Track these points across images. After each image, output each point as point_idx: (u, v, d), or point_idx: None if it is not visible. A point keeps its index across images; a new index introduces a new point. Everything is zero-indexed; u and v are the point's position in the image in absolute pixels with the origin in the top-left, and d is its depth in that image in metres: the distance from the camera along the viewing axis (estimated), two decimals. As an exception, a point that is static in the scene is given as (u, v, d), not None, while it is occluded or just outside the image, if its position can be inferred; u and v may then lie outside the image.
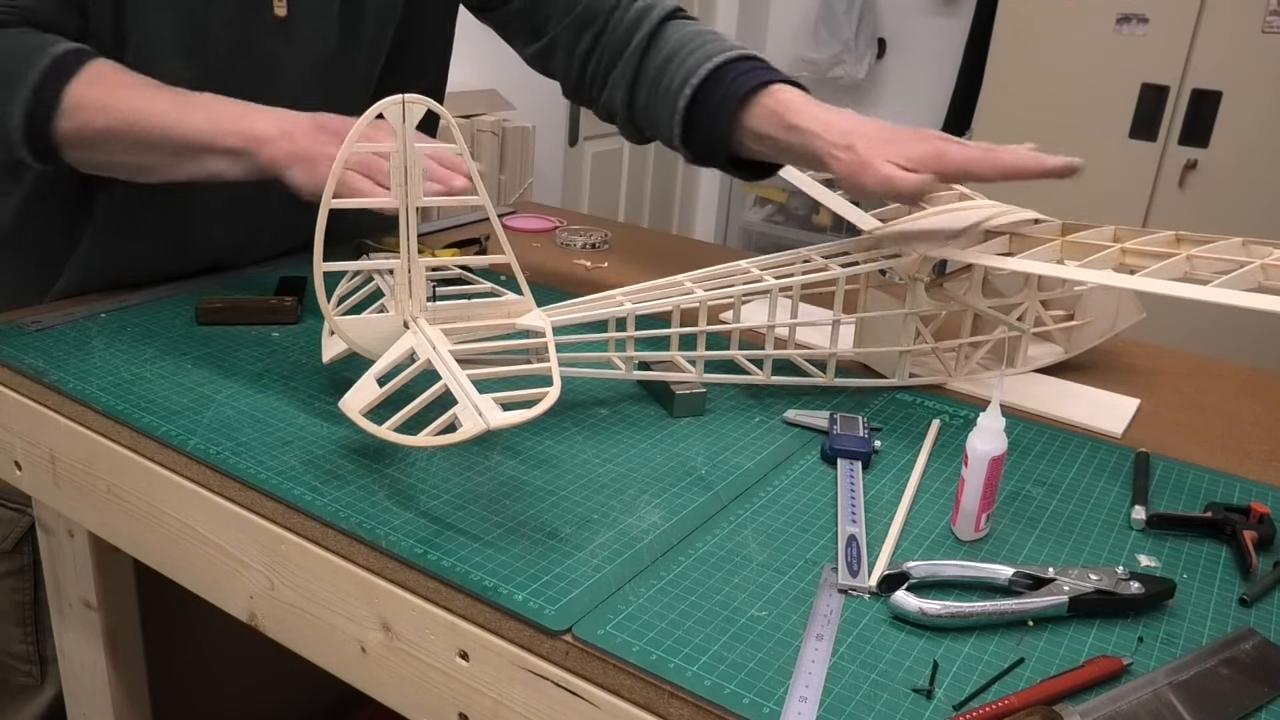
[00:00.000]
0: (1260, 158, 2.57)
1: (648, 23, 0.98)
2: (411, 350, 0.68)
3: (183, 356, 0.82)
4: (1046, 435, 0.80)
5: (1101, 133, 2.76)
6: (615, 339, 0.77)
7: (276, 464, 0.67)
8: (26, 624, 1.02)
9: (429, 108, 0.66)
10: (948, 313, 0.88)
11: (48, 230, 0.96)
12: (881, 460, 0.74)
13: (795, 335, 0.82)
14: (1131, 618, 0.58)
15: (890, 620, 0.56)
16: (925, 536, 0.64)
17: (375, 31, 1.03)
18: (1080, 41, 2.74)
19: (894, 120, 0.85)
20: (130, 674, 0.92)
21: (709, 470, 0.70)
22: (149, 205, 0.94)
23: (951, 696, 0.50)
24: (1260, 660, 0.54)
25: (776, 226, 3.89)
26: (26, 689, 1.05)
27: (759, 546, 0.62)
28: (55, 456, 0.77)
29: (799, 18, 3.70)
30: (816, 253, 0.83)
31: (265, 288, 0.97)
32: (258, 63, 0.93)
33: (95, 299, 0.93)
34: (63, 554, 0.87)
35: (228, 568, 0.67)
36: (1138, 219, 2.77)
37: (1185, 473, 0.76)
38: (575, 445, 0.72)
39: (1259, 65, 2.52)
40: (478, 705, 0.57)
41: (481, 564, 0.57)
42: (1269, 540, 0.65)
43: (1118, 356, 0.98)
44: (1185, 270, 0.74)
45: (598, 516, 0.63)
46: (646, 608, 0.55)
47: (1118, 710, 0.50)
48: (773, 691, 0.49)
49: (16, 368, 0.78)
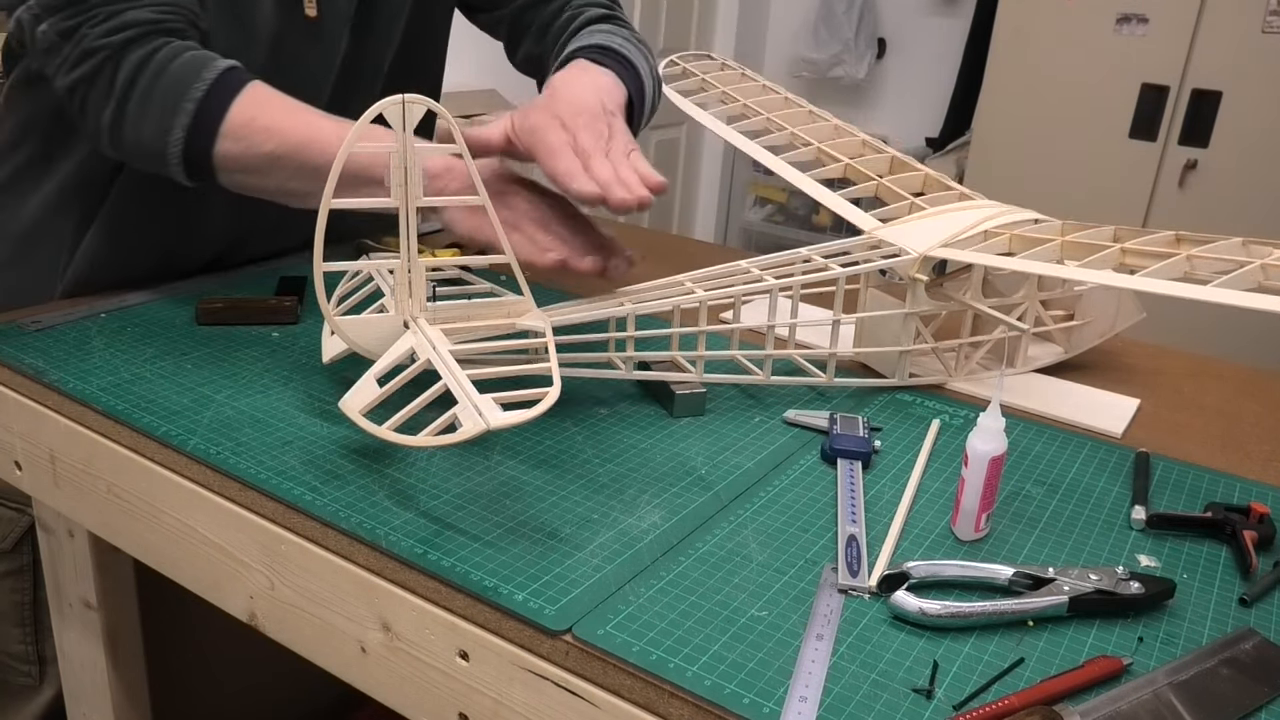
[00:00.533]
0: (1260, 158, 2.57)
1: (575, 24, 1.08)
2: (411, 350, 0.68)
3: (183, 356, 0.82)
4: (1046, 435, 0.80)
5: (1101, 133, 2.76)
6: (615, 339, 0.77)
7: (276, 464, 0.67)
8: (26, 624, 1.02)
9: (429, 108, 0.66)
10: (948, 313, 0.88)
11: (61, 229, 0.96)
12: (881, 460, 0.74)
13: (795, 335, 0.82)
14: (1131, 618, 0.58)
15: (890, 620, 0.56)
16: (925, 536, 0.64)
17: (387, 29, 1.04)
18: (1080, 41, 2.73)
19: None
20: (130, 674, 0.92)
21: (709, 470, 0.70)
22: (155, 199, 0.94)
23: (951, 696, 0.50)
24: (1260, 660, 0.54)
25: (776, 226, 3.89)
26: (25, 689, 1.05)
27: (759, 546, 0.62)
28: (55, 456, 0.77)
29: (799, 18, 3.70)
30: (816, 253, 0.83)
31: (265, 288, 0.97)
32: (286, 62, 0.93)
33: (95, 299, 0.93)
34: (63, 554, 0.87)
35: (228, 568, 0.67)
36: (1138, 219, 2.77)
37: (1185, 473, 0.76)
38: (575, 445, 0.72)
39: (1259, 65, 2.52)
40: (478, 705, 0.57)
41: (481, 564, 0.57)
42: (1269, 540, 0.65)
43: (1118, 356, 0.98)
44: (1185, 270, 0.74)
45: (598, 516, 0.63)
46: (646, 608, 0.55)
47: (1118, 710, 0.50)
48: (773, 691, 0.49)
49: (16, 368, 0.78)
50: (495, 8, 1.12)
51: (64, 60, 0.81)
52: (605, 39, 0.99)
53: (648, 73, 1.00)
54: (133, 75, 0.80)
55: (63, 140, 0.95)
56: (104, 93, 0.81)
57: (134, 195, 0.95)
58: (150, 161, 0.83)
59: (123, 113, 0.81)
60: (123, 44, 0.80)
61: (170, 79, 0.80)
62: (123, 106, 0.81)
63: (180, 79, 0.80)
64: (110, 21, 0.80)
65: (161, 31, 0.82)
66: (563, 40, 1.05)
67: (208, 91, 0.80)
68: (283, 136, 0.80)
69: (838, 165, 0.99)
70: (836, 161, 0.99)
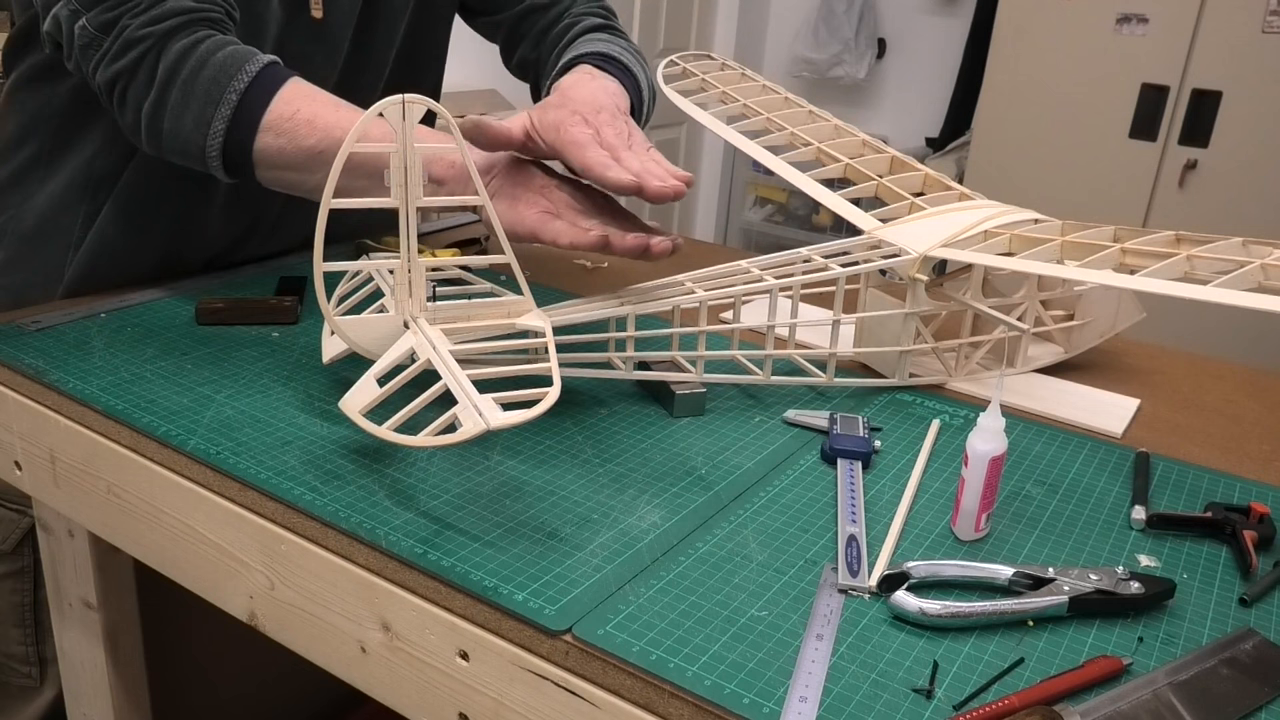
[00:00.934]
0: (1260, 158, 2.57)
1: (573, 32, 1.09)
2: (411, 350, 0.68)
3: (183, 356, 0.82)
4: (1046, 435, 0.80)
5: (1101, 133, 2.76)
6: (615, 339, 0.77)
7: (276, 464, 0.67)
8: (26, 625, 1.02)
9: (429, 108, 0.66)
10: (948, 313, 0.88)
11: (65, 228, 0.96)
12: (881, 460, 0.74)
13: (795, 335, 0.82)
14: (1131, 618, 0.58)
15: (890, 620, 0.56)
16: (925, 536, 0.64)
17: (388, 30, 1.04)
18: (1080, 41, 2.74)
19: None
20: (130, 674, 0.92)
21: (709, 470, 0.70)
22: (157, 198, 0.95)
23: (951, 696, 0.50)
24: (1260, 660, 0.54)
25: (776, 226, 3.89)
26: (26, 690, 1.05)
27: (759, 546, 0.62)
28: (55, 456, 0.77)
29: (799, 18, 3.70)
30: (816, 253, 0.83)
31: (265, 288, 0.97)
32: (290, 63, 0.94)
33: (95, 299, 0.93)
34: (63, 554, 0.87)
35: (228, 568, 0.67)
36: (1138, 219, 2.77)
37: (1185, 473, 0.76)
38: (575, 445, 0.72)
39: (1259, 65, 2.52)
40: (478, 705, 0.57)
41: (481, 564, 0.57)
42: (1269, 540, 0.65)
43: (1118, 356, 0.98)
44: (1185, 270, 0.74)
45: (598, 516, 0.63)
46: (646, 608, 0.55)
47: (1118, 710, 0.50)
48: (773, 691, 0.49)
49: (16, 368, 0.78)
50: (494, 12, 1.13)
51: (104, 54, 0.81)
52: (606, 47, 0.99)
53: (645, 83, 1.01)
54: (175, 65, 0.80)
55: (66, 139, 0.95)
56: (146, 82, 0.80)
57: (137, 194, 0.95)
58: (188, 154, 0.82)
59: (164, 103, 0.81)
60: (165, 33, 0.80)
61: (213, 70, 0.80)
62: (164, 97, 0.80)
63: (223, 70, 0.79)
64: (151, 11, 0.80)
65: (203, 21, 0.82)
66: (560, 47, 1.06)
67: (250, 84, 0.79)
68: (326, 131, 0.79)
69: (838, 165, 0.99)
70: (836, 161, 0.99)
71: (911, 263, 0.82)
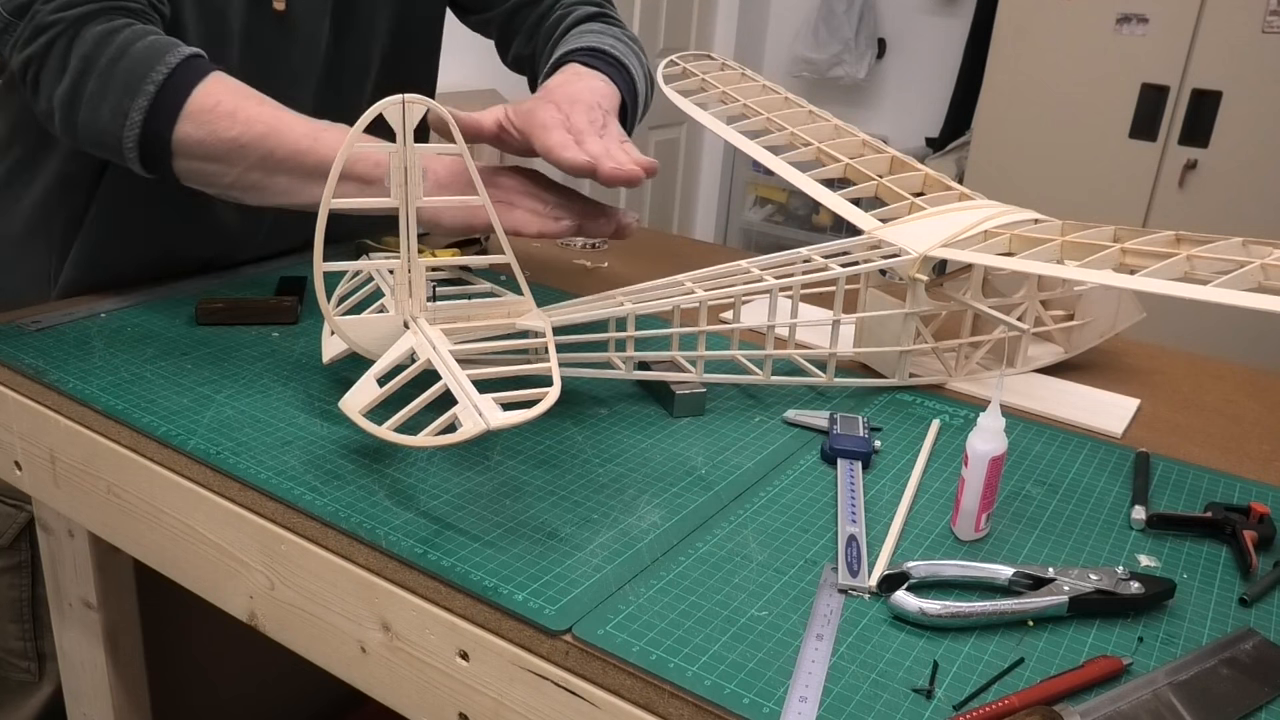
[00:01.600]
0: (1260, 158, 2.57)
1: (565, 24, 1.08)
2: (411, 350, 0.68)
3: (183, 356, 0.82)
4: (1046, 435, 0.80)
5: (1101, 133, 2.76)
6: (615, 339, 0.77)
7: (276, 464, 0.67)
8: (24, 620, 1.02)
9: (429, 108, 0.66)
10: (948, 313, 0.88)
11: (50, 231, 0.96)
12: (881, 460, 0.74)
13: (795, 335, 0.82)
14: (1131, 618, 0.58)
15: (890, 620, 0.56)
16: (925, 536, 0.64)
17: (368, 24, 1.03)
18: (1080, 41, 2.74)
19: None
20: (130, 674, 0.92)
21: (709, 470, 0.70)
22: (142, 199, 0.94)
23: (951, 696, 0.50)
24: (1260, 660, 0.54)
25: (776, 226, 3.89)
26: (24, 685, 1.05)
27: (759, 546, 0.62)
28: (55, 456, 0.77)
29: (799, 18, 3.70)
30: (816, 253, 0.83)
31: (265, 288, 0.97)
32: (259, 55, 0.93)
33: (95, 299, 0.93)
34: (63, 554, 0.87)
35: (228, 568, 0.67)
36: (1138, 219, 2.77)
37: (1185, 473, 0.76)
38: (575, 445, 0.72)
39: (1259, 65, 2.52)
40: (478, 705, 0.57)
41: (481, 564, 0.57)
42: (1269, 540, 0.65)
43: (1118, 356, 0.98)
44: (1185, 270, 0.74)
45: (598, 516, 0.63)
46: (646, 608, 0.55)
47: (1118, 710, 0.50)
48: (773, 691, 0.49)
49: (16, 368, 0.78)
50: (485, 9, 1.12)
51: (18, 38, 0.79)
52: (596, 40, 0.99)
53: (639, 71, 1.00)
54: (90, 54, 0.78)
55: (45, 142, 0.94)
56: (57, 69, 0.79)
57: (121, 195, 0.94)
58: (104, 145, 0.81)
59: (78, 92, 0.79)
60: (77, 19, 0.79)
61: (131, 61, 0.78)
62: (78, 85, 0.79)
63: (142, 61, 0.78)
64: None
65: (119, 10, 0.80)
66: (553, 40, 1.05)
67: (170, 74, 0.78)
68: (247, 124, 0.78)
69: (838, 165, 0.99)
70: (836, 161, 0.99)
71: (911, 263, 0.82)
